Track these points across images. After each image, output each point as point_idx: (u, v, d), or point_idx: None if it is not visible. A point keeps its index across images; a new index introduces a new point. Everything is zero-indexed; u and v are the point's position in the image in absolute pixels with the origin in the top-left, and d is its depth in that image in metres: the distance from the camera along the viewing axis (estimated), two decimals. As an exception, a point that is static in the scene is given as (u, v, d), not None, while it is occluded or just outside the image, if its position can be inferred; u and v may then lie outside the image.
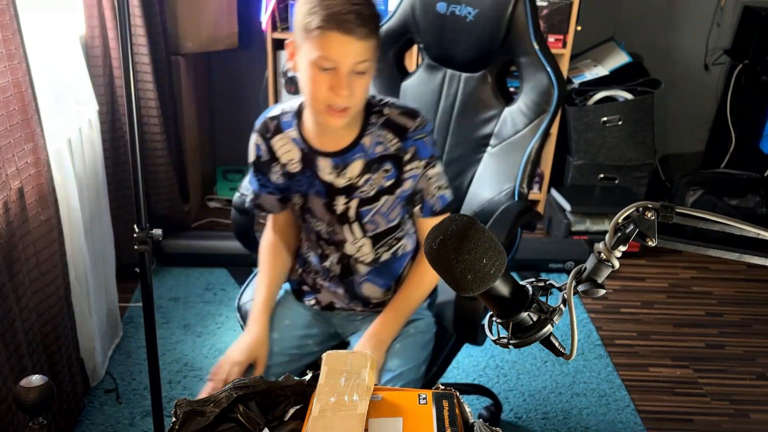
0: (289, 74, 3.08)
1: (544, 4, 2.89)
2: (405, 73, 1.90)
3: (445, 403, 1.04)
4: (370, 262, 1.52)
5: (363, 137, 1.42)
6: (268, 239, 1.60)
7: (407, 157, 1.42)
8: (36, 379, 0.92)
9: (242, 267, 2.74)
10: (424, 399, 1.04)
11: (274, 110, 1.49)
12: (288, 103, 1.48)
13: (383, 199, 1.46)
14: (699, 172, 3.35)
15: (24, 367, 1.62)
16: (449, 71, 1.81)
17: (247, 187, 1.62)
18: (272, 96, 3.08)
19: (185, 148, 2.99)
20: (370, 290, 1.56)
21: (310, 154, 1.44)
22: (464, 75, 1.78)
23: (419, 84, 1.87)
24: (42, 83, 1.81)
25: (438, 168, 1.47)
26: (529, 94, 1.68)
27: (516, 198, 1.67)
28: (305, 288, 1.63)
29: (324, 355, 1.06)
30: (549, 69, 1.64)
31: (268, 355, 1.46)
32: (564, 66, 3.02)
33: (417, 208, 1.49)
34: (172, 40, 2.76)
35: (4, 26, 1.49)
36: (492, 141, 1.74)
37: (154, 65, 2.53)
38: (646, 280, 2.91)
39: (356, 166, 1.43)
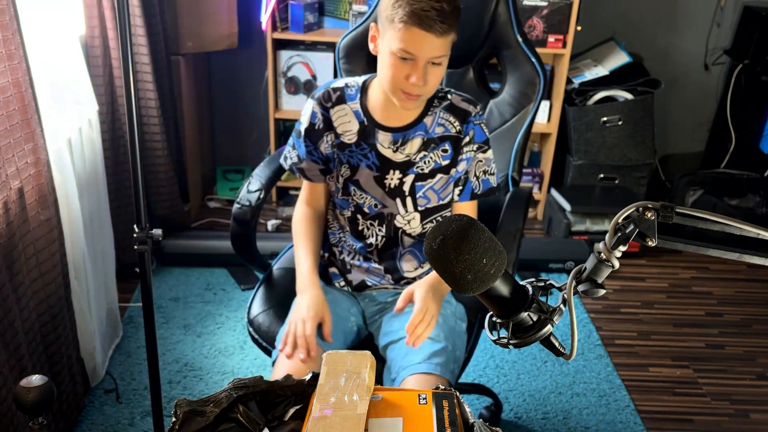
0: (289, 74, 3.08)
1: (544, 4, 2.89)
2: None
3: (445, 403, 1.04)
4: (417, 235, 1.59)
5: (425, 116, 1.52)
6: (302, 211, 1.67)
7: (466, 139, 1.52)
8: (36, 379, 0.92)
9: (242, 267, 2.74)
10: (424, 399, 1.04)
11: (336, 82, 1.57)
12: (351, 78, 1.58)
13: (438, 176, 1.54)
14: (699, 172, 3.35)
15: (24, 367, 1.62)
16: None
17: (289, 153, 1.64)
18: (272, 96, 3.08)
19: (185, 148, 2.99)
20: (409, 264, 1.62)
21: (370, 127, 1.52)
22: (447, 71, 1.81)
23: None
24: (42, 83, 1.81)
25: (489, 154, 1.56)
26: (515, 85, 1.76)
27: (510, 184, 1.77)
28: (333, 270, 1.68)
29: (324, 355, 1.06)
30: (534, 59, 1.71)
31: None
32: (564, 66, 3.02)
33: (457, 190, 1.57)
34: (172, 40, 2.76)
35: (4, 26, 1.49)
36: None
37: (154, 65, 2.53)
38: (646, 280, 2.91)
39: (415, 143, 1.52)
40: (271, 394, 1.01)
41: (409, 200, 1.55)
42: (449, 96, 1.54)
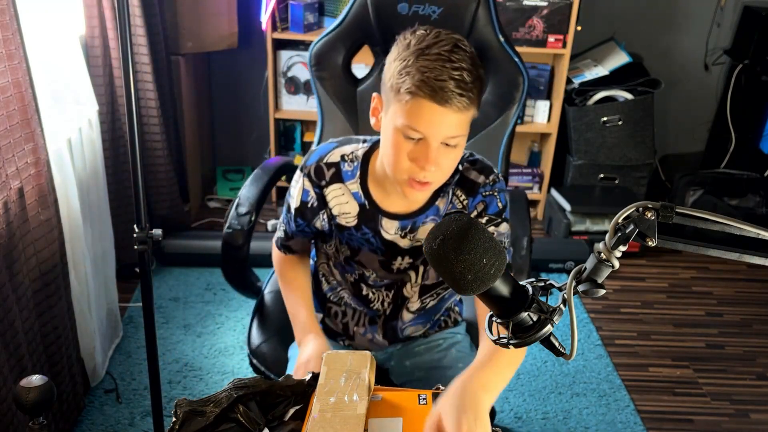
0: (289, 74, 3.08)
1: (544, 4, 2.89)
2: (356, 80, 1.80)
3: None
4: (416, 310, 1.40)
5: (438, 198, 1.27)
6: (286, 256, 1.43)
7: (473, 214, 1.26)
8: (36, 379, 0.92)
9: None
10: (424, 399, 1.04)
11: (331, 154, 1.29)
12: (349, 147, 1.29)
13: None
14: (699, 172, 3.35)
15: (24, 367, 1.62)
16: None
17: (279, 227, 1.43)
18: (272, 96, 3.08)
19: (185, 148, 2.99)
20: (412, 330, 1.44)
21: (372, 213, 1.28)
22: None
23: (378, 89, 1.80)
24: (42, 83, 1.81)
25: (503, 228, 1.27)
26: (498, 87, 1.71)
27: None
28: (333, 327, 1.48)
29: (324, 355, 1.06)
30: (516, 59, 1.68)
31: None
32: (564, 66, 3.02)
33: None
34: (172, 40, 2.76)
35: (4, 26, 1.49)
36: None
37: (154, 65, 2.53)
38: (646, 280, 2.91)
39: (427, 228, 1.26)
40: (271, 395, 1.02)
41: (420, 269, 1.35)
42: (460, 166, 1.26)
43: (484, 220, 1.26)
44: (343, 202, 1.29)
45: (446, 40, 1.10)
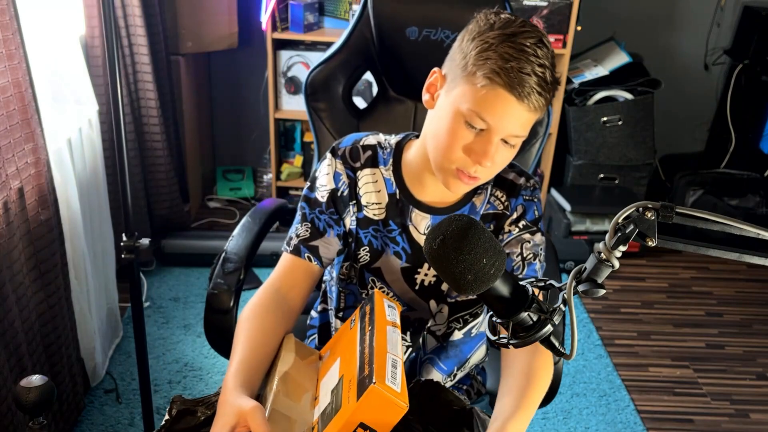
0: (289, 74, 3.08)
1: (544, 4, 2.89)
2: (358, 112, 1.62)
3: (367, 309, 1.01)
4: (441, 336, 1.25)
5: (475, 195, 1.18)
6: (263, 296, 1.13)
7: (513, 216, 1.17)
8: (36, 379, 0.92)
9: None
10: (353, 321, 1.02)
11: (366, 138, 1.20)
12: (381, 136, 1.21)
13: None
14: (699, 172, 3.34)
15: (24, 367, 1.62)
16: (419, 104, 1.58)
17: (297, 230, 1.20)
18: (272, 96, 3.08)
19: (185, 148, 2.99)
20: (430, 374, 1.27)
21: (403, 204, 1.17)
22: None
23: (383, 123, 1.61)
24: (42, 83, 1.81)
25: (538, 238, 1.18)
26: None
27: None
28: None
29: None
30: None
31: None
32: (564, 66, 3.02)
33: None
34: (172, 40, 2.76)
35: (4, 26, 1.49)
36: None
37: (154, 65, 2.53)
38: (646, 280, 2.91)
39: None
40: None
41: (444, 307, 1.21)
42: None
43: (521, 225, 1.17)
44: (373, 191, 1.18)
45: (532, 32, 1.01)
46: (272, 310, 1.10)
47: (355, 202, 1.18)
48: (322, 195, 1.18)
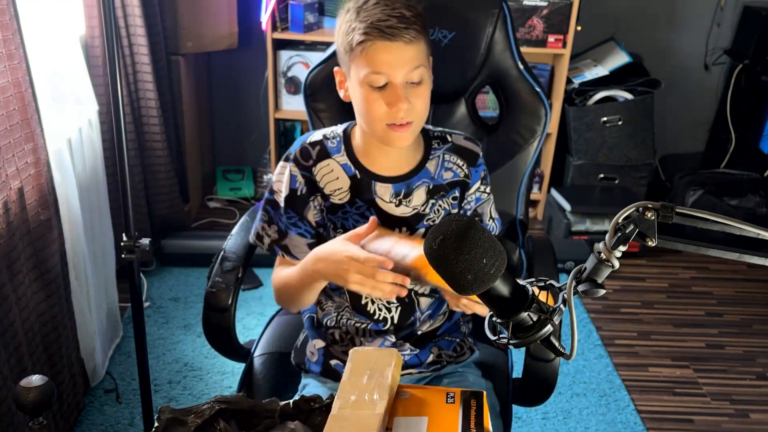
0: (289, 74, 3.08)
1: (544, 4, 2.89)
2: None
3: (473, 403, 1.03)
4: (431, 292, 1.34)
5: (427, 161, 1.31)
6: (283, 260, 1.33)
7: (477, 182, 1.34)
8: (36, 379, 0.92)
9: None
10: (452, 398, 1.03)
11: (312, 136, 1.32)
12: (327, 129, 1.34)
13: None
14: (699, 172, 3.34)
15: (24, 367, 1.62)
16: None
17: (264, 230, 1.32)
18: (272, 96, 3.08)
19: (185, 148, 2.99)
20: (428, 326, 1.36)
21: (365, 180, 1.29)
22: (435, 107, 1.59)
23: None
24: (42, 83, 1.81)
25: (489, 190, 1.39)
26: (517, 118, 1.56)
27: (518, 229, 1.62)
28: (335, 362, 1.35)
29: (351, 352, 1.06)
30: (538, 90, 1.53)
31: None
32: (564, 66, 3.02)
33: None
34: (172, 40, 2.76)
35: (4, 26, 1.49)
36: None
37: (154, 65, 2.53)
38: (646, 280, 2.91)
39: (421, 193, 1.30)
40: (254, 415, 1.01)
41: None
42: (449, 137, 1.34)
43: (486, 188, 1.37)
44: (333, 179, 1.29)
45: None
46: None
47: (316, 194, 1.30)
48: (282, 197, 1.30)
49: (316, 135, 1.32)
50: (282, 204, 1.30)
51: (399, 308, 1.33)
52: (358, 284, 1.13)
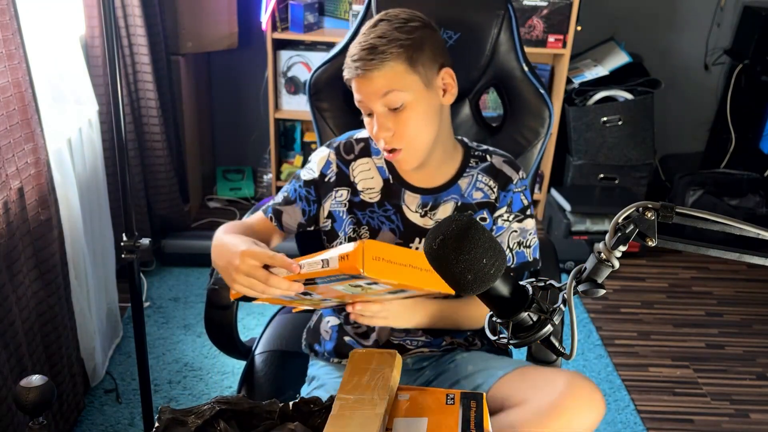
0: (289, 74, 3.08)
1: (544, 4, 2.89)
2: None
3: (473, 404, 1.03)
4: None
5: (460, 178, 1.32)
6: (235, 226, 1.30)
7: (503, 208, 1.31)
8: (36, 379, 0.92)
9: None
10: (451, 399, 1.03)
11: (360, 132, 1.37)
12: None
13: None
14: (699, 172, 3.34)
15: (24, 367, 1.62)
16: None
17: (276, 196, 1.38)
18: (272, 96, 3.08)
19: (185, 148, 2.99)
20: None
21: (395, 186, 1.32)
22: None
23: None
24: (42, 83, 1.81)
25: (527, 224, 1.33)
26: (521, 120, 1.55)
27: None
28: (347, 339, 1.36)
29: (351, 352, 1.06)
30: (542, 91, 1.53)
31: None
32: (564, 66, 3.02)
33: None
34: (172, 40, 2.76)
35: (4, 26, 1.49)
36: None
37: (154, 65, 2.53)
38: (646, 280, 2.91)
39: (448, 208, 1.31)
40: (254, 416, 1.01)
41: None
42: (489, 157, 1.34)
43: (511, 216, 1.32)
44: (369, 177, 1.33)
45: (375, 19, 1.22)
46: (246, 234, 1.24)
47: (345, 188, 1.33)
48: (305, 174, 1.36)
49: (364, 133, 1.36)
50: (306, 178, 1.35)
51: None
52: (244, 287, 1.08)
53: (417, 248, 1.31)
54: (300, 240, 1.56)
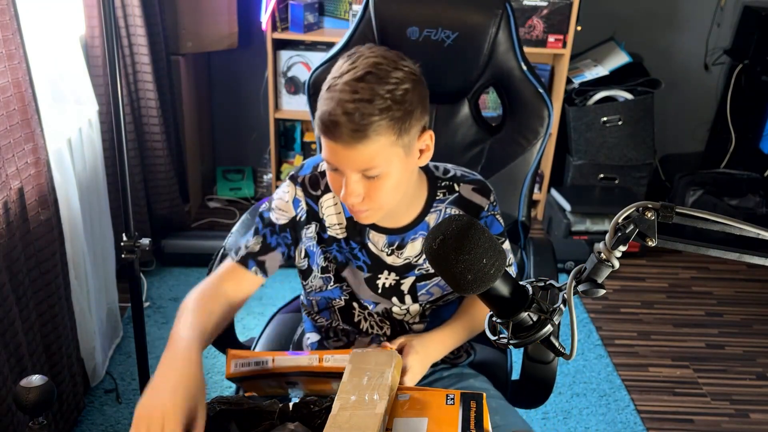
0: (289, 74, 3.08)
1: (544, 4, 2.89)
2: None
3: (473, 404, 1.03)
4: (421, 321, 1.32)
5: (428, 214, 1.23)
6: (205, 288, 1.22)
7: None
8: (36, 379, 0.92)
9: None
10: (451, 399, 1.04)
11: (322, 164, 1.24)
12: None
13: None
14: (699, 172, 3.34)
15: (24, 367, 1.62)
16: None
17: (247, 242, 1.25)
18: (272, 96, 3.08)
19: (185, 148, 2.99)
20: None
21: (360, 226, 1.23)
22: (438, 107, 1.59)
23: None
24: (42, 83, 1.81)
25: (506, 246, 1.29)
26: (520, 119, 1.55)
27: (521, 231, 1.61)
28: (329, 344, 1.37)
29: (351, 353, 1.06)
30: (541, 91, 1.52)
31: None
32: (564, 66, 3.02)
33: None
34: (172, 40, 2.76)
35: (4, 26, 1.49)
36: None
37: (154, 65, 2.53)
38: (646, 280, 2.91)
39: (416, 245, 1.23)
40: (254, 416, 1.01)
41: (408, 298, 1.28)
42: (457, 186, 1.24)
43: None
44: (334, 213, 1.24)
45: (360, 66, 1.04)
46: (218, 302, 1.19)
47: (314, 224, 1.25)
48: (277, 218, 1.24)
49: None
50: (278, 222, 1.24)
51: (390, 329, 1.31)
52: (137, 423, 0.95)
53: (386, 280, 1.26)
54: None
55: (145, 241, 1.52)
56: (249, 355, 1.20)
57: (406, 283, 1.27)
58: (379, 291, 1.27)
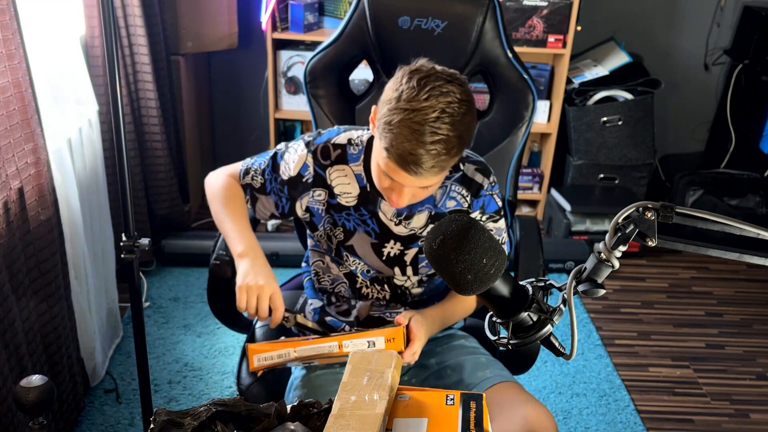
0: (289, 74, 3.08)
1: (544, 4, 2.89)
2: (354, 97, 1.72)
3: (473, 405, 1.03)
4: (419, 285, 1.43)
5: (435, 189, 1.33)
6: (230, 183, 1.45)
7: (476, 213, 1.36)
8: (36, 379, 0.92)
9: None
10: (451, 400, 1.04)
11: (339, 136, 1.36)
12: (356, 132, 1.37)
13: None
14: (699, 172, 3.34)
15: (24, 367, 1.62)
16: None
17: (255, 173, 1.41)
18: (272, 96, 3.08)
19: (185, 148, 2.99)
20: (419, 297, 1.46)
21: (373, 195, 1.34)
22: None
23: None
24: (42, 83, 1.81)
25: (501, 223, 1.39)
26: (505, 105, 1.62)
27: (506, 209, 1.65)
28: (328, 319, 1.45)
29: (350, 353, 1.06)
30: (525, 76, 1.59)
31: None
32: (564, 66, 3.02)
33: None
34: (172, 40, 2.76)
35: (4, 26, 1.49)
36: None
37: (154, 65, 2.52)
38: (646, 280, 2.91)
39: (422, 217, 1.35)
40: (251, 419, 1.01)
41: (409, 269, 1.39)
42: (462, 165, 1.35)
43: (485, 217, 1.37)
44: (345, 183, 1.35)
45: (433, 107, 1.10)
46: (241, 199, 1.42)
47: (322, 189, 1.36)
48: (283, 172, 1.37)
49: (342, 137, 1.36)
50: (283, 176, 1.37)
51: (390, 294, 1.42)
52: (241, 304, 1.23)
53: (391, 249, 1.37)
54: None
55: (145, 241, 1.52)
56: (270, 348, 1.26)
57: (410, 254, 1.37)
58: (383, 258, 1.37)
